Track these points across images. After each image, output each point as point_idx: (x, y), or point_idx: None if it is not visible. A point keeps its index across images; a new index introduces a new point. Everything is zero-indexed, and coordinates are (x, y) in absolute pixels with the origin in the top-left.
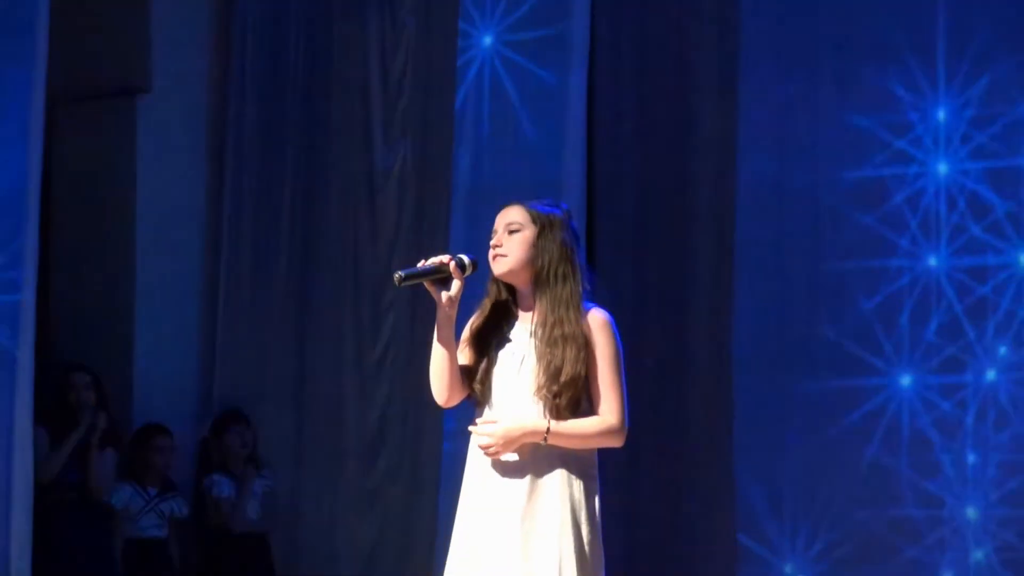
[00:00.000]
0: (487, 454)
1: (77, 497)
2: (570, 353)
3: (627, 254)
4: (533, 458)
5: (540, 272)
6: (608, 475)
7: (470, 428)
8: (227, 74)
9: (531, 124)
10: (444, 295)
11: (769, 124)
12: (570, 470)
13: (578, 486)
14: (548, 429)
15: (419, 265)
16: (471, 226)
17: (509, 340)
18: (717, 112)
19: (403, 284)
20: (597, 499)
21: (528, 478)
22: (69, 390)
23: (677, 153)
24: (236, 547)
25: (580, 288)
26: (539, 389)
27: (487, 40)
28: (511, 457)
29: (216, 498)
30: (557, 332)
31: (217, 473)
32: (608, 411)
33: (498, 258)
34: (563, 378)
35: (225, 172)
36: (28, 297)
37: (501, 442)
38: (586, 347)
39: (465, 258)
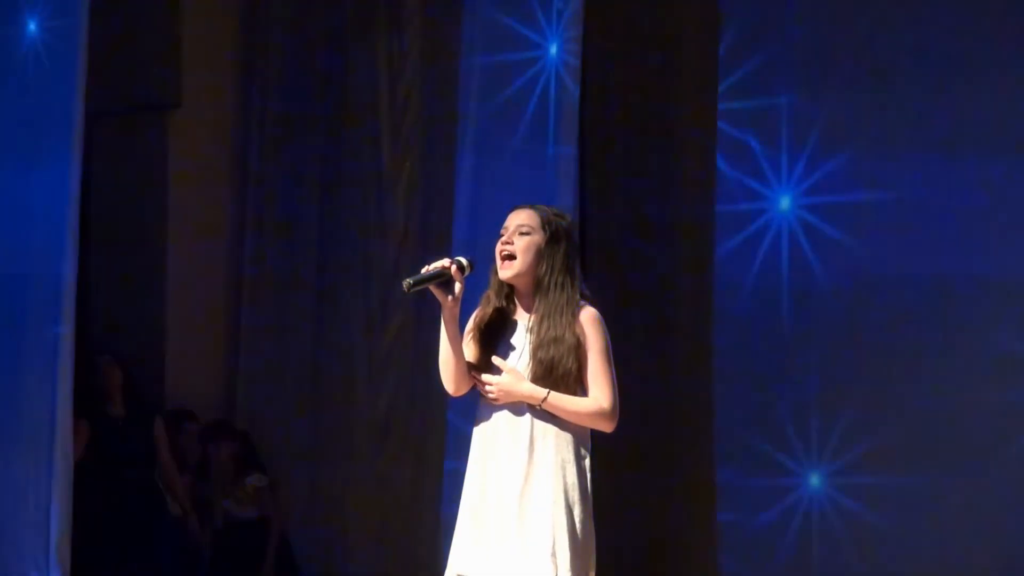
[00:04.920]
0: (487, 396)
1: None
2: (561, 352)
3: (615, 260)
4: (530, 441)
5: (542, 278)
6: (595, 458)
7: (482, 377)
8: (250, 90)
9: (528, 134)
10: (448, 297)
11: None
12: (564, 454)
13: (571, 469)
14: (545, 398)
15: (423, 271)
16: (472, 229)
17: (509, 336)
18: (698, 126)
19: (411, 291)
20: (589, 480)
21: (525, 461)
22: (94, 373)
23: (661, 168)
24: (228, 537)
25: (576, 296)
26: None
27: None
28: (511, 440)
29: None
30: (551, 334)
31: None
32: (600, 397)
33: (506, 261)
34: (555, 375)
35: (248, 179)
36: (68, 299)
37: (500, 392)
38: (578, 347)
39: (463, 260)
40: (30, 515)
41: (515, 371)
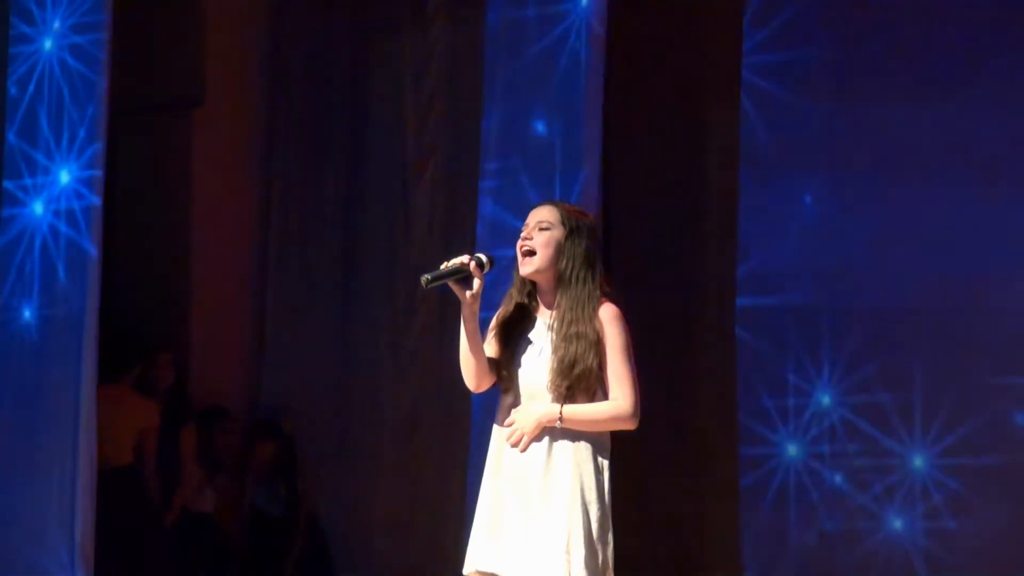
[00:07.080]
0: (516, 446)
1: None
2: (582, 348)
3: (639, 251)
4: (548, 439)
5: (563, 273)
6: (618, 455)
7: (499, 425)
8: (274, 87)
9: (553, 133)
10: (467, 293)
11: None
12: (581, 452)
13: (588, 467)
14: (560, 415)
15: (442, 267)
16: (496, 227)
17: (530, 333)
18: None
19: (429, 286)
20: (607, 479)
21: (543, 459)
22: (152, 368)
23: (686, 161)
24: (254, 533)
25: (597, 292)
26: (551, 382)
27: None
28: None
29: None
30: (572, 330)
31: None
32: (620, 396)
33: (526, 257)
34: (575, 371)
35: (272, 176)
36: (93, 298)
37: (522, 430)
38: (598, 343)
39: (483, 257)
40: (55, 514)
41: (521, 409)
